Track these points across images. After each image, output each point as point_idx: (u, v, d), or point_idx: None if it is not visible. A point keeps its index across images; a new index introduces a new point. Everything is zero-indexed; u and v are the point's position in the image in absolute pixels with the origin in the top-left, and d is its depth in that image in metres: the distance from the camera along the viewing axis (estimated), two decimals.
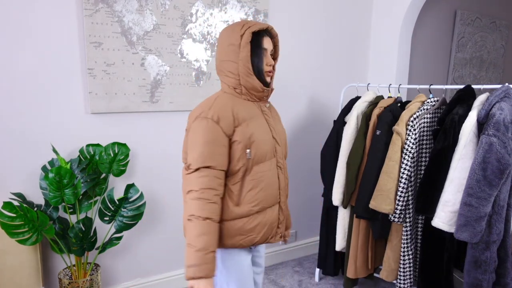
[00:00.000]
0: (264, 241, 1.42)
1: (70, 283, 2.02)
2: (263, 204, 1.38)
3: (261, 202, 1.37)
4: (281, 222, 1.47)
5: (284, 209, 1.50)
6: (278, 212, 1.45)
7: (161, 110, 2.33)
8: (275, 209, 1.44)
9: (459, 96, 2.04)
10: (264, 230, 1.40)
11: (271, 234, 1.43)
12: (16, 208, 1.81)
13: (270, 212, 1.41)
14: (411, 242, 2.17)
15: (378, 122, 2.26)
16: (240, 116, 1.35)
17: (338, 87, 3.04)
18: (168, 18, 2.27)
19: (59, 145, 2.09)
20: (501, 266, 1.90)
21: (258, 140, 1.35)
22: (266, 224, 1.40)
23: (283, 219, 1.48)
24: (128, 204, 2.16)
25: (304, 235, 3.15)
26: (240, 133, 1.33)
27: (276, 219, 1.44)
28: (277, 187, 1.43)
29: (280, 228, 1.47)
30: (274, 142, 1.43)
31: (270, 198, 1.40)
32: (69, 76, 2.07)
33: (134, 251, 2.41)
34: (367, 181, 2.24)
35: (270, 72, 1.42)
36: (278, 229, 1.46)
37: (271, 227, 1.42)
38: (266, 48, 1.40)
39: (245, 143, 1.33)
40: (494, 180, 1.74)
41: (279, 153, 1.45)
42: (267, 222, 1.40)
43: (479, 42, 3.98)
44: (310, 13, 2.83)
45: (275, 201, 1.43)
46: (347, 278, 2.43)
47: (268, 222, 1.41)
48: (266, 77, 1.42)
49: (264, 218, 1.39)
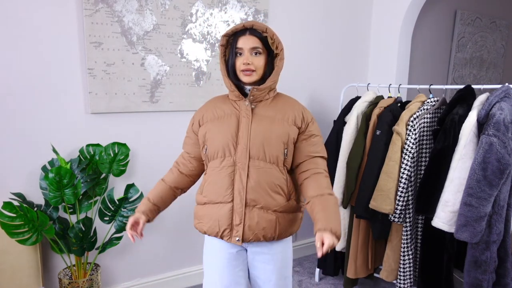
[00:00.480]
0: (216, 235, 1.45)
1: (70, 283, 2.02)
2: (209, 198, 1.47)
3: (207, 196, 1.48)
4: (237, 225, 1.41)
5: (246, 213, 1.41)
6: (229, 212, 1.42)
7: (161, 110, 2.33)
8: (225, 208, 1.42)
9: (459, 96, 2.04)
10: (210, 223, 1.45)
11: (220, 231, 1.44)
12: (16, 208, 1.81)
13: (217, 208, 1.44)
14: (411, 242, 2.17)
15: (378, 122, 2.26)
16: (207, 116, 1.52)
17: (338, 87, 3.03)
18: (168, 18, 2.27)
19: (59, 145, 2.09)
20: (501, 266, 1.90)
21: (211, 138, 1.47)
22: (212, 219, 1.45)
23: (240, 223, 1.41)
24: (128, 204, 2.16)
25: (304, 235, 3.15)
26: (201, 131, 1.51)
27: (226, 218, 1.42)
28: (227, 187, 1.42)
29: (235, 231, 1.42)
30: (231, 142, 1.43)
31: (215, 196, 1.45)
32: (69, 76, 2.07)
33: (134, 251, 2.41)
34: (367, 181, 2.24)
35: (246, 70, 1.42)
36: (232, 232, 1.43)
37: (219, 224, 1.43)
38: (241, 47, 1.42)
39: (202, 140, 1.51)
40: (494, 180, 1.74)
41: (239, 153, 1.41)
42: (213, 217, 1.45)
43: (479, 42, 3.98)
44: (310, 13, 2.83)
45: (223, 200, 1.43)
46: (347, 278, 2.43)
47: (214, 217, 1.44)
48: (243, 76, 1.43)
49: (212, 212, 1.45)
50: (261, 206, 1.42)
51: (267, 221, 1.42)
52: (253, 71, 1.42)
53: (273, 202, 1.43)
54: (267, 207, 1.42)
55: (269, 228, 1.43)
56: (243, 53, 1.43)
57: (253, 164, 1.41)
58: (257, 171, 1.41)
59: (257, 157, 1.42)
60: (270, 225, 1.43)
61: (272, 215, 1.43)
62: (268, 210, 1.43)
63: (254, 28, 1.44)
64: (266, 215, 1.42)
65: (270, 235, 1.45)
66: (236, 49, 1.43)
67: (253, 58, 1.42)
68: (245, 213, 1.41)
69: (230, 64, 1.45)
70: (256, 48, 1.42)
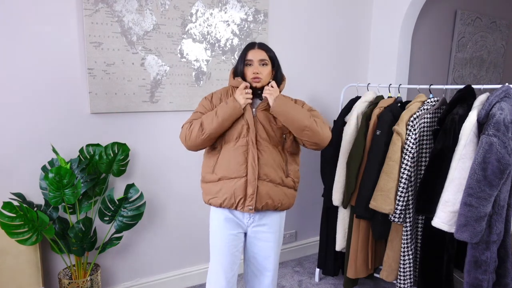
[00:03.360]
0: (231, 206, 1.72)
1: (70, 283, 2.02)
2: (224, 174, 1.72)
3: (221, 173, 1.73)
4: (250, 195, 1.70)
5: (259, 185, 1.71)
6: (244, 184, 1.70)
7: (161, 110, 2.33)
8: (240, 181, 1.70)
9: (459, 96, 2.04)
10: (227, 195, 1.71)
11: (236, 202, 1.71)
12: (16, 208, 1.81)
13: (232, 182, 1.71)
14: (411, 242, 2.17)
15: (378, 122, 2.26)
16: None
17: (338, 87, 3.03)
18: (168, 18, 2.27)
19: (59, 145, 2.09)
20: (501, 266, 1.90)
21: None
22: (229, 192, 1.71)
23: (253, 193, 1.70)
24: (128, 204, 2.16)
25: (304, 235, 3.15)
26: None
27: (241, 190, 1.70)
28: (241, 163, 1.70)
29: (249, 200, 1.71)
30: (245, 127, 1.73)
31: (230, 172, 1.71)
32: (69, 76, 2.07)
33: (134, 251, 2.41)
34: (367, 181, 2.24)
35: (254, 78, 1.74)
36: (246, 201, 1.71)
37: (234, 195, 1.70)
38: (251, 59, 1.74)
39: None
40: (494, 180, 1.74)
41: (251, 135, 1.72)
42: (229, 190, 1.71)
43: (479, 42, 3.98)
44: (310, 13, 2.83)
45: (238, 175, 1.70)
46: (347, 278, 2.43)
47: (230, 190, 1.70)
48: (253, 83, 1.75)
49: (227, 186, 1.71)
50: (270, 179, 1.73)
51: (274, 192, 1.74)
52: (261, 79, 1.74)
53: (277, 176, 1.75)
54: (274, 181, 1.74)
55: (276, 197, 1.75)
56: (252, 64, 1.74)
57: (260, 145, 1.72)
58: (264, 150, 1.73)
59: (263, 139, 1.73)
60: (276, 195, 1.75)
61: (278, 187, 1.75)
62: (275, 182, 1.74)
63: (262, 43, 1.78)
64: (273, 187, 1.74)
65: (276, 203, 1.76)
66: (246, 60, 1.75)
67: (260, 68, 1.74)
68: (257, 185, 1.70)
69: (239, 71, 1.77)
70: (263, 60, 1.75)
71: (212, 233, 1.84)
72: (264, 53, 1.75)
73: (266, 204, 1.74)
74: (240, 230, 1.81)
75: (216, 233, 1.82)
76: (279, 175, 1.75)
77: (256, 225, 1.81)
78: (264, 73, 1.74)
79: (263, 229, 1.82)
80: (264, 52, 1.75)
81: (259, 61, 1.74)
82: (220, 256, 1.80)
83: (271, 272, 1.88)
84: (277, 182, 1.75)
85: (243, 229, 1.82)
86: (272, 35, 2.67)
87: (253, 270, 1.91)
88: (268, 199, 1.73)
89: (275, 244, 1.86)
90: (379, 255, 2.46)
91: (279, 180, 1.75)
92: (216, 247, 1.81)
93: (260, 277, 1.90)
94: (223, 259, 1.80)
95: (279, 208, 1.80)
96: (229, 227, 1.79)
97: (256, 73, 1.73)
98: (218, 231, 1.80)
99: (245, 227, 1.82)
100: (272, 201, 1.75)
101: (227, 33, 2.48)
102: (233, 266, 1.82)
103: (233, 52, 2.52)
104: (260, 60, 1.74)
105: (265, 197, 1.73)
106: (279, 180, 1.75)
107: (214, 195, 1.75)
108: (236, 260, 1.83)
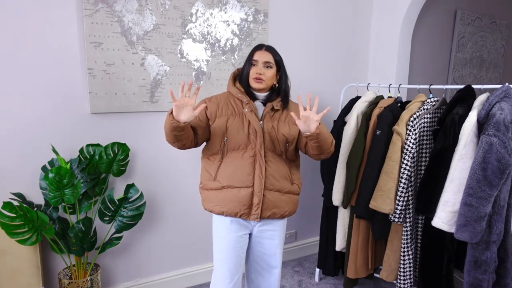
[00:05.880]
0: (235, 215, 1.72)
1: (70, 283, 2.02)
2: (228, 183, 1.71)
3: (225, 182, 1.72)
4: (256, 205, 1.71)
5: (265, 195, 1.72)
6: (250, 195, 1.70)
7: (161, 110, 2.33)
8: (246, 191, 1.70)
9: (459, 96, 2.04)
10: (231, 205, 1.71)
11: (240, 211, 1.71)
12: (16, 208, 1.81)
13: (236, 191, 1.70)
14: (411, 242, 2.17)
15: (378, 122, 2.26)
16: (221, 111, 1.76)
17: (338, 87, 3.03)
18: (168, 18, 2.27)
19: (59, 145, 2.09)
20: (501, 266, 1.90)
21: (233, 132, 1.72)
22: (233, 201, 1.71)
23: (258, 203, 1.71)
24: (128, 204, 2.16)
25: (304, 235, 3.15)
26: (219, 122, 1.74)
27: (247, 200, 1.71)
28: (248, 173, 1.71)
29: (254, 209, 1.72)
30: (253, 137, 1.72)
31: (236, 181, 1.71)
32: (69, 76, 2.07)
33: (134, 251, 2.41)
34: (367, 181, 2.24)
35: (256, 78, 1.74)
36: (251, 211, 1.73)
37: (240, 204, 1.71)
38: (257, 59, 1.75)
39: (222, 130, 1.74)
40: (494, 180, 1.74)
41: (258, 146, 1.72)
42: (234, 199, 1.70)
43: (479, 42, 3.98)
44: (310, 13, 2.83)
45: (244, 184, 1.70)
46: (347, 278, 2.43)
47: (235, 199, 1.70)
48: (254, 82, 1.75)
49: (231, 195, 1.71)
50: (277, 189, 1.75)
51: (281, 200, 1.78)
52: (263, 80, 1.74)
53: (284, 185, 1.78)
54: (281, 189, 1.77)
55: (282, 206, 1.78)
56: (257, 64, 1.75)
57: (267, 155, 1.74)
58: (271, 161, 1.75)
59: (269, 150, 1.75)
60: (283, 204, 1.78)
61: (284, 196, 1.79)
62: (282, 191, 1.77)
63: (270, 46, 1.80)
64: (280, 195, 1.77)
65: (283, 212, 1.80)
66: (251, 60, 1.76)
67: (264, 69, 1.75)
68: (264, 195, 1.72)
69: (245, 72, 1.78)
70: (268, 62, 1.75)
71: (217, 236, 1.82)
72: (270, 56, 1.76)
73: (273, 214, 1.76)
74: (246, 231, 1.82)
75: (221, 236, 1.80)
76: (285, 183, 1.78)
77: (262, 225, 1.82)
78: (267, 75, 1.75)
79: (269, 228, 1.83)
80: (271, 55, 1.76)
81: (264, 63, 1.75)
82: (226, 259, 1.79)
83: (277, 269, 1.91)
84: (284, 191, 1.78)
85: (249, 229, 1.83)
86: (272, 35, 2.67)
87: (257, 268, 1.91)
88: (274, 208, 1.76)
89: (280, 241, 1.89)
90: (379, 255, 2.46)
91: (286, 189, 1.78)
92: (222, 250, 1.80)
93: (266, 275, 1.91)
94: (228, 261, 1.79)
95: (285, 216, 1.83)
96: (235, 229, 1.78)
97: (259, 74, 1.73)
98: (224, 234, 1.79)
99: (251, 227, 1.83)
100: (279, 209, 1.78)
101: (227, 33, 2.48)
102: (239, 267, 1.82)
103: (233, 52, 2.52)
104: (265, 62, 1.75)
105: (271, 207, 1.75)
106: (286, 189, 1.78)
107: (217, 203, 1.74)
108: (241, 261, 1.84)
